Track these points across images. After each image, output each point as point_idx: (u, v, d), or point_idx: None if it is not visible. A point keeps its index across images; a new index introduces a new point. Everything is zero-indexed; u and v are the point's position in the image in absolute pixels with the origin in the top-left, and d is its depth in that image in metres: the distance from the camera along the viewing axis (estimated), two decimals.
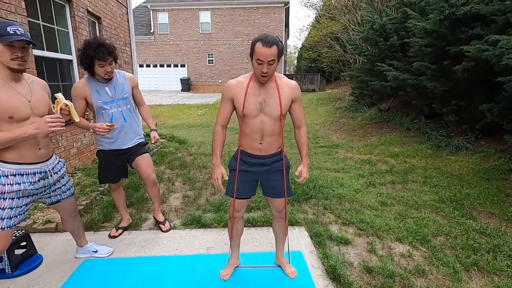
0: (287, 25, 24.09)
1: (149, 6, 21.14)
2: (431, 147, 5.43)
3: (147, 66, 22.57)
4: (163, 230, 2.76)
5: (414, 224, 2.89)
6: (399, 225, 2.88)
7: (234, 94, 1.78)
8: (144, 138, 2.70)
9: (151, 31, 21.70)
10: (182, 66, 22.30)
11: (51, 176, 1.91)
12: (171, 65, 22.42)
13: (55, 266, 2.28)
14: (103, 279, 2.14)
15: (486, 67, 4.42)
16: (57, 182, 1.99)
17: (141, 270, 2.24)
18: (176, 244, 2.58)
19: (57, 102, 1.76)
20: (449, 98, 5.57)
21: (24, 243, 2.28)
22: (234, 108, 1.83)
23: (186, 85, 21.68)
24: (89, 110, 2.46)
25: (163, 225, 2.78)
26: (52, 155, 1.95)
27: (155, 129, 2.61)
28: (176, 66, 22.39)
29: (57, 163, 2.00)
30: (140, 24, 21.50)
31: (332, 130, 8.50)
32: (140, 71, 20.22)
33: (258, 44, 1.60)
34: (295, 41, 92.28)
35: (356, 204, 3.35)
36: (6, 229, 1.72)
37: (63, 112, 1.76)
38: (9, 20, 2.84)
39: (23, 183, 1.75)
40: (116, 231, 2.71)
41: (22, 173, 1.75)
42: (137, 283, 2.10)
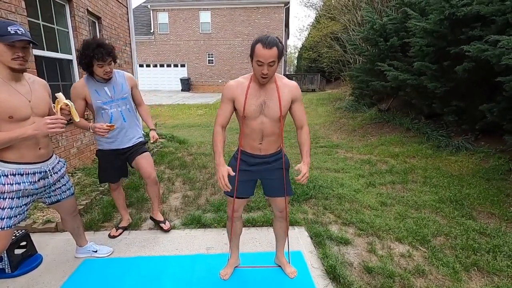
0: (287, 25, 24.10)
1: (149, 6, 21.14)
2: (431, 147, 5.43)
3: (147, 66, 22.57)
4: (165, 229, 2.75)
5: (414, 224, 2.89)
6: (399, 225, 2.88)
7: (235, 95, 1.77)
8: (144, 138, 2.70)
9: (151, 31, 21.70)
10: (182, 66, 22.30)
11: (51, 176, 1.91)
12: (171, 65, 22.42)
13: (55, 266, 2.28)
14: (103, 279, 2.14)
15: (486, 67, 4.43)
16: (57, 182, 1.99)
17: (141, 270, 2.24)
18: (176, 244, 2.58)
19: (58, 102, 1.76)
20: (450, 98, 5.56)
21: (24, 243, 2.28)
22: (234, 109, 1.82)
23: (186, 85, 21.68)
24: (89, 110, 2.46)
25: (164, 224, 2.77)
26: (52, 155, 1.95)
27: (154, 129, 2.61)
28: (176, 66, 22.40)
29: (57, 163, 2.00)
30: (140, 24, 21.50)
31: (332, 130, 8.50)
32: (140, 71, 20.21)
33: (258, 46, 1.59)
34: (295, 41, 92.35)
35: (356, 204, 3.35)
36: (6, 229, 1.72)
37: (63, 112, 1.75)
38: (10, 20, 2.84)
39: (23, 183, 1.75)
40: (116, 231, 2.71)
41: (22, 173, 1.74)
42: (137, 283, 2.10)
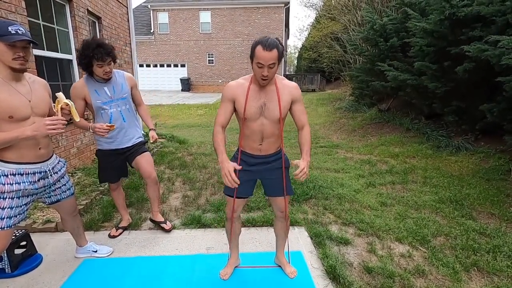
0: (287, 25, 24.11)
1: (149, 6, 21.15)
2: (431, 148, 5.43)
3: (147, 66, 22.57)
4: (166, 229, 2.74)
5: (414, 225, 2.89)
6: (399, 225, 2.88)
7: (236, 96, 1.77)
8: (144, 138, 2.70)
9: (151, 31, 21.70)
10: (182, 66, 22.30)
11: (51, 176, 1.91)
12: (171, 65, 22.42)
13: (55, 266, 2.28)
14: (103, 279, 2.14)
15: (487, 68, 4.43)
16: (57, 182, 1.99)
17: (141, 270, 2.24)
18: (176, 244, 2.58)
19: (58, 101, 1.76)
20: (450, 99, 5.57)
21: (24, 243, 2.28)
22: (234, 110, 1.82)
23: (186, 85, 21.68)
24: (89, 110, 2.46)
25: (165, 224, 2.76)
26: (52, 155, 1.95)
27: (154, 129, 2.62)
28: (176, 66, 22.40)
29: (57, 163, 2.00)
30: (140, 24, 21.50)
31: (332, 130, 8.50)
32: (140, 71, 20.21)
33: (259, 48, 1.59)
34: (295, 41, 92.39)
35: (356, 204, 3.35)
36: (6, 229, 1.72)
37: (64, 112, 1.75)
38: (10, 20, 2.84)
39: (23, 183, 1.75)
40: (116, 231, 2.71)
41: (22, 173, 1.74)
42: (137, 283, 2.10)
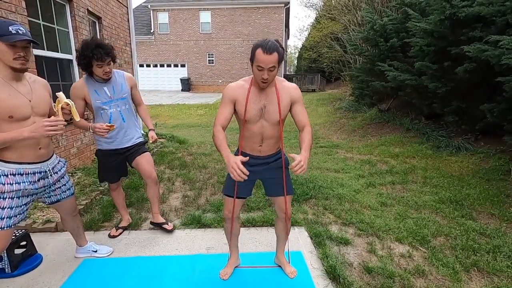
0: (287, 25, 24.11)
1: (150, 6, 21.15)
2: (431, 148, 5.43)
3: (147, 66, 22.57)
4: (168, 230, 2.72)
5: (414, 225, 2.89)
6: (399, 226, 2.88)
7: (237, 97, 1.77)
8: (144, 138, 2.70)
9: (151, 31, 21.70)
10: (182, 66, 22.30)
11: (51, 176, 1.91)
12: (171, 65, 22.42)
13: (55, 266, 2.28)
14: (103, 279, 2.14)
15: (487, 68, 4.43)
16: (57, 182, 1.99)
17: (141, 270, 2.24)
18: (176, 244, 2.58)
19: (58, 101, 1.76)
20: (450, 99, 5.57)
21: (24, 243, 2.28)
22: (235, 111, 1.81)
23: (186, 85, 21.68)
24: (89, 110, 2.46)
25: (167, 225, 2.74)
26: (53, 155, 1.95)
27: (153, 129, 2.62)
28: (176, 66, 22.40)
29: (58, 163, 2.00)
30: (141, 24, 21.51)
31: (332, 131, 8.50)
32: (140, 71, 20.21)
33: (259, 51, 1.59)
34: (295, 41, 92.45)
35: (356, 205, 3.35)
36: (6, 229, 1.72)
37: (64, 111, 1.76)
38: (10, 20, 2.84)
39: (23, 183, 1.75)
40: (116, 231, 2.71)
41: (22, 173, 1.74)
42: (137, 283, 2.10)
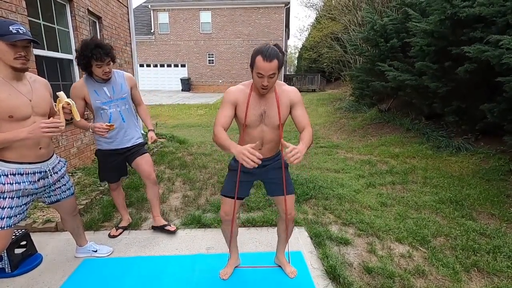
0: (288, 25, 24.09)
1: (150, 6, 21.15)
2: (431, 148, 5.43)
3: (148, 66, 22.57)
4: (172, 231, 2.70)
5: (414, 225, 2.89)
6: (399, 226, 2.88)
7: (238, 101, 1.77)
8: (144, 138, 2.70)
9: (152, 31, 21.71)
10: (183, 66, 22.31)
11: (51, 176, 1.91)
12: (172, 65, 22.42)
13: (55, 266, 2.28)
14: (103, 279, 2.14)
15: (487, 68, 4.42)
16: (57, 182, 1.99)
17: (141, 270, 2.24)
18: (176, 244, 2.58)
19: (59, 101, 1.77)
20: (450, 99, 5.57)
21: (24, 243, 2.28)
22: (235, 115, 1.81)
23: (186, 85, 21.68)
24: (89, 110, 2.46)
25: (170, 226, 2.73)
26: (53, 155, 1.95)
27: (153, 130, 2.61)
28: (177, 66, 22.40)
29: (58, 163, 2.00)
30: (141, 24, 21.51)
31: (332, 131, 8.50)
32: (141, 71, 20.21)
33: (259, 58, 1.59)
34: (296, 41, 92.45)
35: (356, 205, 3.35)
36: (6, 229, 1.72)
37: (65, 111, 1.76)
38: (10, 19, 2.84)
39: (23, 183, 1.75)
40: (116, 231, 2.71)
41: (22, 173, 1.74)
42: (137, 283, 2.10)
